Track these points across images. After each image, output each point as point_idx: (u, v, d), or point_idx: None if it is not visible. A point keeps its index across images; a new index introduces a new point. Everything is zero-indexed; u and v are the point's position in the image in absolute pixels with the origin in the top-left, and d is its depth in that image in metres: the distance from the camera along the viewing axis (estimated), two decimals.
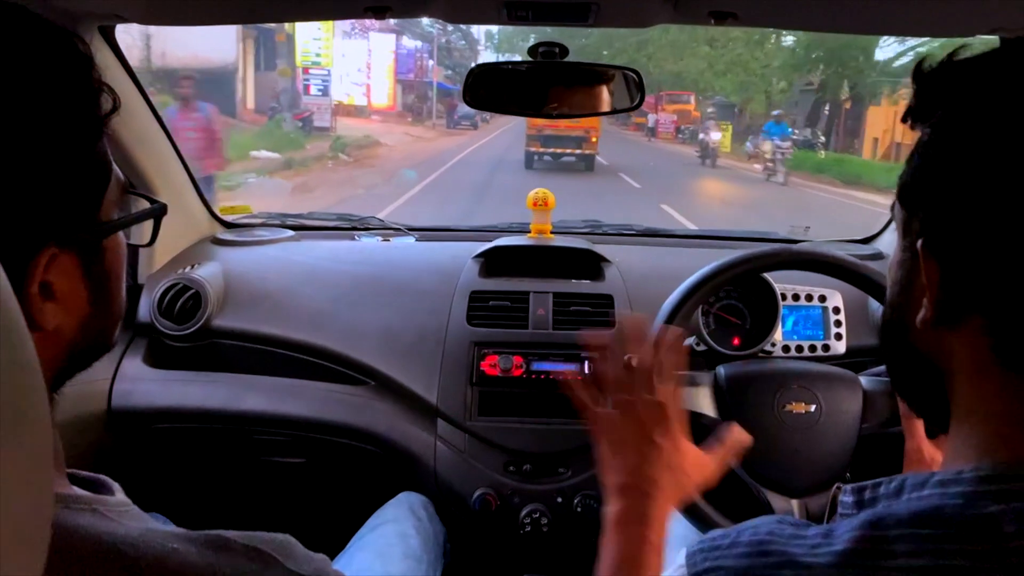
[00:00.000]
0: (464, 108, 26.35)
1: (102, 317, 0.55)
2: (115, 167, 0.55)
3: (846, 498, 0.49)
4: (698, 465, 0.76)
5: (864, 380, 1.08)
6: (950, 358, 0.48)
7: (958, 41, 0.57)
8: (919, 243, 0.47)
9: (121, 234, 0.57)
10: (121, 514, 0.51)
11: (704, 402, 1.07)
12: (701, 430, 1.10)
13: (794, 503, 1.03)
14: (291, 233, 1.80)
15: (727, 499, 1.04)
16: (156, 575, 0.47)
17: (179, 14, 1.22)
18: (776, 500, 1.03)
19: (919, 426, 0.95)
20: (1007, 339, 0.44)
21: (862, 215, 10.48)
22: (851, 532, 0.43)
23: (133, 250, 1.50)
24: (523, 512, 1.33)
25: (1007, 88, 0.44)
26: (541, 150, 16.20)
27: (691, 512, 1.02)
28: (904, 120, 0.49)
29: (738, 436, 0.81)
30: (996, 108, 0.44)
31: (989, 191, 0.43)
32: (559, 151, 16.14)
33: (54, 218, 0.48)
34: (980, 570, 0.39)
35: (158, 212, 0.65)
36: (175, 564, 0.49)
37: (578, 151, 16.19)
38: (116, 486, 0.55)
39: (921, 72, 0.48)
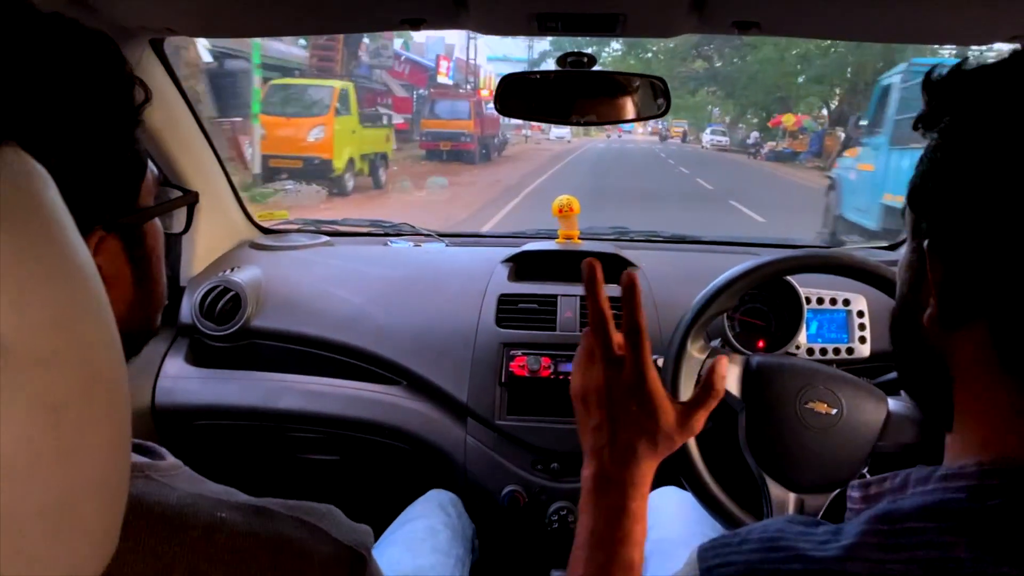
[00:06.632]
0: None
1: (146, 299, 0.59)
2: (150, 163, 0.58)
3: (853, 493, 0.51)
4: (679, 421, 0.67)
5: (891, 401, 1.08)
6: (955, 357, 0.48)
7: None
8: (925, 244, 0.48)
9: (158, 221, 0.61)
10: (173, 477, 0.53)
11: (731, 381, 1.09)
12: (722, 406, 1.12)
13: (791, 496, 1.04)
14: (326, 238, 1.85)
15: (729, 478, 1.06)
16: (204, 545, 0.50)
17: (228, 27, 1.28)
18: (775, 488, 1.05)
19: None
20: (1009, 341, 0.44)
21: None
22: (858, 527, 0.44)
23: (175, 247, 1.57)
24: (550, 509, 1.36)
25: (1011, 93, 0.45)
26: None
27: (700, 494, 1.05)
28: (915, 128, 0.50)
29: (718, 368, 0.71)
30: (1000, 113, 0.44)
31: (992, 194, 0.44)
32: None
33: (100, 202, 0.52)
34: (983, 562, 0.40)
35: (192, 200, 0.70)
36: (224, 535, 0.51)
37: None
38: (165, 451, 0.57)
39: (931, 81, 0.49)
